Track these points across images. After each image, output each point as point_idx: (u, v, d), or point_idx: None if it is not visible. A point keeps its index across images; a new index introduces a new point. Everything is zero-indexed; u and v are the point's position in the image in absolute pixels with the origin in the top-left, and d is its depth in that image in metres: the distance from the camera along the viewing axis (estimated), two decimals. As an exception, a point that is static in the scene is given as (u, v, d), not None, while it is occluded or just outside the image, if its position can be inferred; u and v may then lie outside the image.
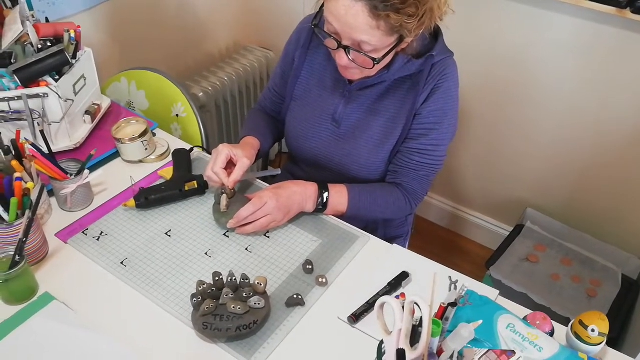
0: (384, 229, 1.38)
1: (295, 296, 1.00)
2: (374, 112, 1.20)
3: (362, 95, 1.20)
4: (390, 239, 1.32)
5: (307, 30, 1.26)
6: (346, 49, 1.04)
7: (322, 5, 1.08)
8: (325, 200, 1.17)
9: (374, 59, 1.05)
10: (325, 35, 1.08)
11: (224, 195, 1.12)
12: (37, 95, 1.19)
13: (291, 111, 1.32)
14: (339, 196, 1.19)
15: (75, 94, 1.30)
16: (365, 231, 1.17)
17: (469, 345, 0.82)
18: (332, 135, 1.25)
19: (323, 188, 1.17)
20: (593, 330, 0.86)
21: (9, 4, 1.30)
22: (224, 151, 1.13)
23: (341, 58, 1.07)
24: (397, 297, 0.79)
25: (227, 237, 1.13)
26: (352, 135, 1.23)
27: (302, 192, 1.15)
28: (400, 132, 1.19)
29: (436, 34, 1.16)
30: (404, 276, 1.04)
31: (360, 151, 1.22)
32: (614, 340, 1.70)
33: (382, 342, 0.82)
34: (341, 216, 1.20)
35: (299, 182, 1.17)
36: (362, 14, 0.97)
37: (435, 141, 1.19)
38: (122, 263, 1.07)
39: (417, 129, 1.18)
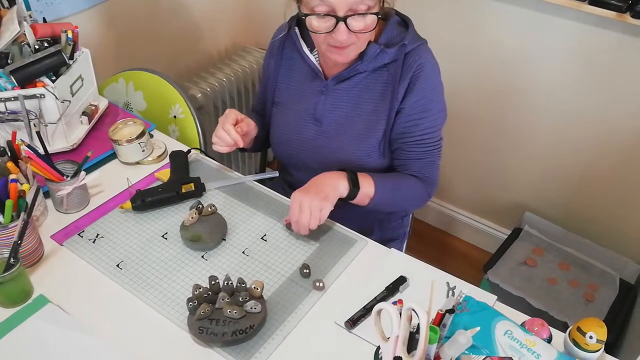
0: (380, 232, 1.37)
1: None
2: (354, 107, 1.21)
3: (339, 90, 1.21)
4: (386, 241, 1.31)
5: (279, 40, 1.28)
6: (345, 20, 1.04)
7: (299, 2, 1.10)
8: (356, 180, 1.14)
9: (376, 14, 1.06)
10: (317, 20, 1.07)
11: (193, 210, 1.11)
12: (33, 96, 1.19)
13: (274, 117, 1.33)
14: (366, 180, 1.16)
15: (72, 94, 1.29)
16: (362, 233, 1.17)
17: (466, 352, 0.82)
18: (315, 135, 1.25)
19: (349, 173, 1.15)
20: (591, 337, 0.86)
21: (6, 4, 1.29)
22: (232, 112, 1.21)
23: (341, 34, 1.06)
24: (394, 303, 0.79)
25: (224, 240, 1.12)
26: (335, 132, 1.23)
27: (328, 175, 1.13)
28: (384, 125, 1.19)
29: (405, 23, 1.19)
30: (401, 281, 1.03)
31: (345, 148, 1.22)
32: (612, 346, 1.70)
33: (379, 348, 0.82)
34: (363, 207, 1.18)
35: (322, 174, 1.15)
36: None
37: (429, 129, 1.18)
38: (117, 266, 1.06)
39: (407, 122, 1.17)
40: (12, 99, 1.18)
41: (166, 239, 1.12)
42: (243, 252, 1.10)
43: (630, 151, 1.75)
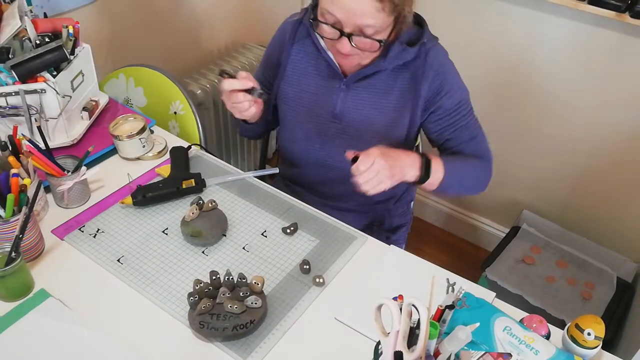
0: (390, 220, 1.37)
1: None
2: (377, 105, 1.19)
3: (361, 87, 1.19)
4: (395, 228, 1.32)
5: (290, 26, 1.25)
6: (349, 36, 1.04)
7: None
8: (428, 168, 1.12)
9: (380, 41, 1.05)
10: (324, 26, 1.07)
11: (194, 205, 1.11)
12: (34, 91, 1.19)
13: (285, 114, 1.29)
14: (437, 163, 1.14)
15: (73, 90, 1.29)
16: (372, 225, 1.17)
17: (465, 348, 0.82)
18: (335, 133, 1.23)
19: (423, 157, 1.13)
20: (589, 334, 0.87)
21: (7, -1, 1.29)
22: (222, 84, 1.12)
23: (343, 46, 1.06)
24: (395, 298, 0.79)
25: (225, 235, 1.13)
26: (357, 130, 1.22)
27: (406, 157, 1.10)
28: (408, 122, 1.19)
29: (419, 22, 1.18)
30: None
31: (367, 145, 1.19)
32: (609, 343, 1.71)
33: (379, 343, 0.82)
34: (373, 199, 1.16)
35: (400, 150, 1.12)
36: None
37: (469, 113, 1.22)
38: (118, 260, 1.06)
39: (448, 116, 1.19)
40: (13, 93, 1.18)
41: (167, 234, 1.12)
42: (243, 248, 1.10)
43: (628, 150, 1.76)
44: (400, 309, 0.76)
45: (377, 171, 1.03)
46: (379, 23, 1.02)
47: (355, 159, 1.05)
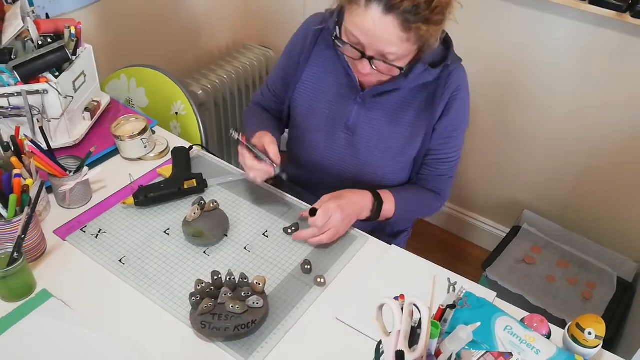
0: (392, 225, 1.37)
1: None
2: (392, 122, 1.18)
3: (377, 102, 1.17)
4: (397, 233, 1.32)
5: (313, 32, 1.22)
6: (370, 59, 1.03)
7: (338, 13, 1.08)
8: (379, 209, 1.17)
9: (400, 68, 1.04)
10: (346, 45, 1.05)
11: (195, 205, 1.11)
12: (36, 92, 1.19)
13: (297, 119, 1.27)
14: (389, 204, 1.18)
15: (75, 90, 1.29)
16: (373, 230, 1.17)
17: (466, 347, 0.82)
18: (346, 144, 1.21)
19: (375, 196, 1.17)
20: (590, 333, 0.87)
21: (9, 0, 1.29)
22: (242, 149, 1.12)
23: (364, 67, 1.05)
24: (396, 298, 0.79)
25: (226, 236, 1.13)
26: (368, 144, 1.20)
27: (361, 202, 1.14)
28: (420, 143, 1.18)
29: (446, 42, 1.15)
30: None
31: (378, 161, 1.20)
32: (609, 342, 1.71)
33: (380, 342, 0.82)
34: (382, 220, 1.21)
35: (356, 191, 1.16)
36: (393, 27, 0.96)
37: (456, 147, 1.23)
38: (120, 261, 1.07)
39: (437, 141, 1.19)
40: (16, 94, 1.18)
41: (168, 234, 1.13)
42: (245, 248, 1.11)
43: (629, 150, 1.76)
44: (402, 309, 0.76)
45: (334, 225, 1.08)
46: (401, 51, 1.01)
47: (313, 212, 1.09)
